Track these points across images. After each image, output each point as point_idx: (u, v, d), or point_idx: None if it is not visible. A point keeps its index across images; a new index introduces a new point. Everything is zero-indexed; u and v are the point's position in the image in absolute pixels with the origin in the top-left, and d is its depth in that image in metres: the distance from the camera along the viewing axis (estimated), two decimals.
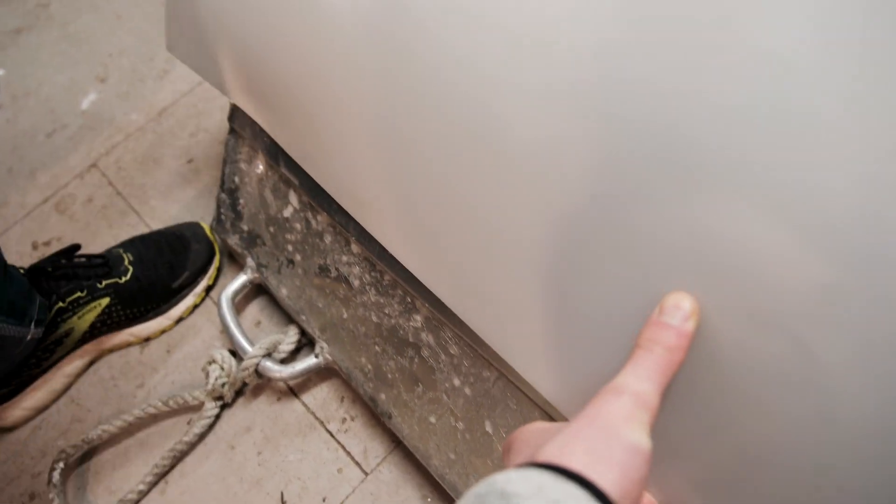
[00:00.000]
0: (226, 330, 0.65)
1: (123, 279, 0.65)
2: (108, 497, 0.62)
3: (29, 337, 0.57)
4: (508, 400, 0.48)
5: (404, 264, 0.49)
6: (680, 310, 0.31)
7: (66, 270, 0.63)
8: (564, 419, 0.42)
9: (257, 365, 0.62)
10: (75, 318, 0.62)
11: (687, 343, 0.31)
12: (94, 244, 0.76)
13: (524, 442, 0.32)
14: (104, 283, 0.64)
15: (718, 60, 0.28)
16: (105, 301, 0.64)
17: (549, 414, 0.45)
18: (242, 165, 0.66)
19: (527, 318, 0.41)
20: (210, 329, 0.70)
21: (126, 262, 0.66)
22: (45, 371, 0.64)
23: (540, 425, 0.33)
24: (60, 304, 0.61)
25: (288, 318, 0.67)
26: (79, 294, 0.62)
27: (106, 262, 0.65)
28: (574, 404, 0.41)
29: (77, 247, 0.66)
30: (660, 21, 0.29)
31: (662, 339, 0.31)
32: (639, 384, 0.30)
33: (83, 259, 0.65)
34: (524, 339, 0.42)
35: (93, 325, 0.64)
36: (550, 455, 0.28)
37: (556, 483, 0.25)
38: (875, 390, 0.27)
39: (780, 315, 0.29)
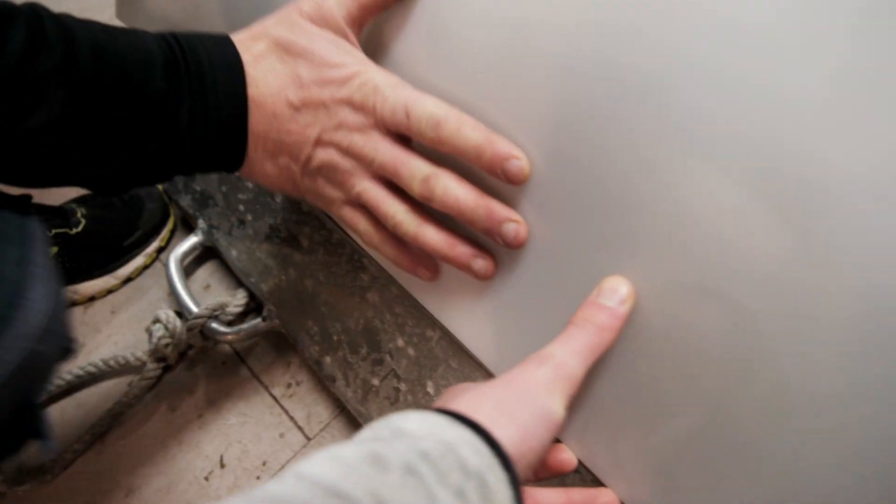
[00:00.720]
0: (172, 291, 0.63)
1: (74, 231, 0.63)
2: (42, 456, 0.61)
3: None
4: (450, 359, 0.48)
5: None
6: (617, 293, 0.32)
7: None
8: None
9: (203, 326, 0.61)
10: None
11: (619, 324, 0.32)
12: (49, 198, 0.73)
13: (448, 397, 0.33)
14: (54, 231, 0.62)
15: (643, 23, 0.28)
16: (52, 251, 0.62)
17: (491, 373, 0.44)
18: None
19: (466, 287, 0.41)
20: (157, 292, 0.69)
21: (79, 215, 0.64)
22: None
23: (469, 384, 0.33)
24: None
25: (238, 282, 0.66)
26: None
27: (59, 212, 0.64)
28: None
29: (28, 197, 0.64)
30: None
31: (596, 318, 0.32)
32: (564, 357, 0.31)
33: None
34: (462, 306, 0.43)
35: None
36: (459, 406, 0.28)
37: (452, 426, 0.26)
38: (817, 362, 0.28)
39: (720, 288, 0.29)
